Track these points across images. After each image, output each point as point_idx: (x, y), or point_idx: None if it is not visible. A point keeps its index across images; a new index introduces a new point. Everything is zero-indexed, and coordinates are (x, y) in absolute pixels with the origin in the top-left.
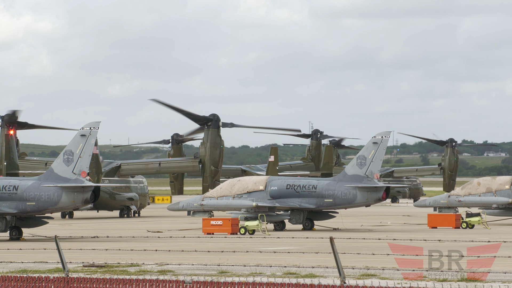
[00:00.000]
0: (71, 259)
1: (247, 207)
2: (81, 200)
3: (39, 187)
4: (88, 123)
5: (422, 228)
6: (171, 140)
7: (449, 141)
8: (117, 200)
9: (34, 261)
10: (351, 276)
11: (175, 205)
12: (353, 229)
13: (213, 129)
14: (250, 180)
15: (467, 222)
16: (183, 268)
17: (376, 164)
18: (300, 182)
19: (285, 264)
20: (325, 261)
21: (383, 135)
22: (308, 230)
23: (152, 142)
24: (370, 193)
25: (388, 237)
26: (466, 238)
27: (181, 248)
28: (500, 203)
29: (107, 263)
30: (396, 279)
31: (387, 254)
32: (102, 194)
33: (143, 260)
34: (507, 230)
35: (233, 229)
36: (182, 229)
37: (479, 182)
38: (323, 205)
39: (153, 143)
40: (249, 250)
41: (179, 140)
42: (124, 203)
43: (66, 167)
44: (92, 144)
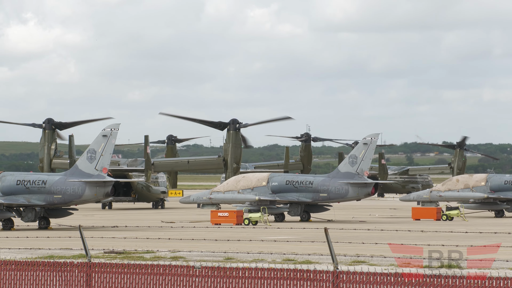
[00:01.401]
0: (93, 246)
1: (250, 201)
2: (102, 193)
3: (65, 181)
4: (109, 125)
5: (407, 220)
6: (167, 140)
7: (458, 145)
8: (151, 193)
9: (60, 248)
10: (343, 262)
11: (187, 198)
12: (345, 221)
13: (233, 131)
14: (253, 176)
15: (447, 215)
16: (193, 255)
17: (366, 162)
18: (298, 178)
19: (284, 251)
20: (320, 249)
21: (372, 137)
22: (305, 221)
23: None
24: (361, 189)
25: (377, 228)
26: (446, 229)
27: (191, 237)
28: (476, 198)
29: (125, 250)
30: (383, 265)
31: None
32: (141, 188)
33: (158, 248)
34: (483, 222)
35: (238, 220)
36: (192, 220)
37: (458, 179)
38: (319, 199)
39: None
40: (252, 239)
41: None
42: (159, 196)
43: (89, 164)
44: (113, 143)
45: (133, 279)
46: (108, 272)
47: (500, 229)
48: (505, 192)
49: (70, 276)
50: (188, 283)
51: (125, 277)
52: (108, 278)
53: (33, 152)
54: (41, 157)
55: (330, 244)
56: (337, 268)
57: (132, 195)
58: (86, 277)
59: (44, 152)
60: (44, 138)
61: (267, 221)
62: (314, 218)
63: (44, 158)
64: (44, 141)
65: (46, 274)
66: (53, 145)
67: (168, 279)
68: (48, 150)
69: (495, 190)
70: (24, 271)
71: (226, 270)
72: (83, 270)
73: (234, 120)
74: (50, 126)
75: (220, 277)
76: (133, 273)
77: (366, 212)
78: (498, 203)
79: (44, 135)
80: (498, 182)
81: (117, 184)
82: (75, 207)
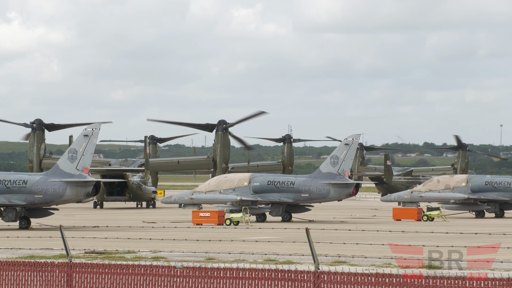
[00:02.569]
0: (74, 246)
1: (232, 201)
2: (83, 193)
3: (46, 181)
4: (91, 124)
5: (388, 220)
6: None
7: (462, 146)
8: (144, 192)
9: (41, 247)
10: (324, 262)
11: (168, 199)
12: (327, 221)
13: (221, 132)
14: (235, 176)
15: (427, 215)
16: (174, 255)
17: (347, 163)
18: (280, 179)
19: (265, 252)
20: (301, 249)
21: (354, 137)
22: (287, 221)
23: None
24: (342, 189)
25: (358, 228)
26: (427, 229)
27: (172, 237)
28: (457, 198)
29: (106, 250)
30: (364, 265)
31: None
32: (135, 188)
33: (139, 248)
34: (463, 223)
35: (219, 221)
36: (174, 220)
37: (438, 179)
38: (300, 199)
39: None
40: (233, 239)
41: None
42: (150, 195)
43: (71, 164)
44: (94, 143)
45: (114, 279)
46: (89, 272)
47: (481, 229)
48: (485, 193)
49: (51, 276)
50: (169, 283)
51: (106, 277)
52: (89, 278)
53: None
54: (31, 157)
55: (311, 245)
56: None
57: (126, 195)
58: (67, 277)
59: (33, 152)
60: (33, 138)
61: (249, 221)
62: (295, 218)
63: (34, 158)
64: (33, 142)
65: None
66: (43, 145)
67: (149, 279)
68: (38, 151)
69: (475, 191)
70: (5, 271)
71: (207, 271)
72: (64, 270)
73: (221, 121)
74: (40, 127)
75: (201, 277)
76: (114, 274)
77: (347, 213)
78: (478, 204)
79: (33, 136)
80: (478, 183)
81: (111, 184)
82: (56, 207)
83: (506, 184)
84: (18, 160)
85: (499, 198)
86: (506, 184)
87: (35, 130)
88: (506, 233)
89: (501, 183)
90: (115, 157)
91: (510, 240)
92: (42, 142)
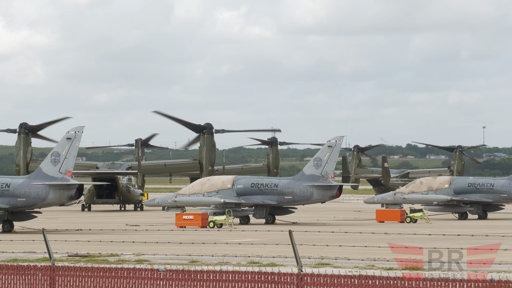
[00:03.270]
0: (57, 250)
1: (215, 203)
2: (66, 196)
3: (29, 184)
4: (73, 127)
5: (371, 222)
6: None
7: (457, 148)
8: (132, 195)
9: (24, 251)
10: (307, 265)
11: (151, 201)
12: (310, 223)
13: (208, 135)
14: (218, 179)
15: (411, 217)
16: (157, 258)
17: (330, 165)
18: (263, 181)
19: (249, 254)
20: (284, 252)
21: (337, 139)
22: (270, 224)
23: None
24: (325, 191)
25: (341, 230)
26: (410, 231)
27: (156, 240)
28: (440, 200)
29: (89, 253)
30: (348, 267)
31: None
32: (125, 190)
33: (122, 251)
34: (447, 224)
35: (203, 223)
36: (157, 223)
37: (421, 181)
38: (284, 201)
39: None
40: (217, 242)
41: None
42: (138, 198)
43: (53, 167)
44: (77, 146)
45: (97, 282)
46: (72, 275)
47: (464, 231)
48: (468, 194)
49: (34, 280)
50: (152, 286)
51: (89, 281)
52: (72, 282)
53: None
54: (17, 161)
55: (294, 247)
56: (301, 270)
57: (116, 197)
58: (50, 280)
59: (20, 156)
60: (19, 142)
61: (232, 223)
62: (279, 220)
63: (21, 162)
64: (19, 145)
65: (10, 278)
66: (29, 148)
67: (132, 282)
68: (24, 154)
69: (458, 193)
70: None
71: (190, 273)
72: (47, 273)
73: (209, 125)
74: (23, 130)
75: (185, 280)
76: (97, 277)
77: (331, 215)
78: (461, 206)
79: (19, 140)
80: (461, 184)
81: (100, 187)
82: (39, 210)
83: (489, 185)
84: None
85: (482, 200)
86: (489, 186)
87: (20, 134)
88: (488, 235)
89: (484, 184)
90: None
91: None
92: (28, 146)
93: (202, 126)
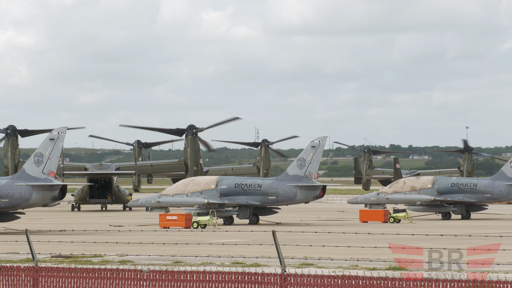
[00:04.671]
0: (40, 250)
1: (199, 204)
2: (49, 197)
3: (12, 185)
4: (57, 128)
5: (355, 223)
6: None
7: (468, 149)
8: (122, 194)
9: (7, 252)
10: (291, 265)
11: (135, 202)
12: (294, 223)
13: (191, 136)
14: (202, 179)
15: (394, 217)
16: (141, 259)
17: (314, 165)
18: (247, 182)
19: (232, 254)
20: (268, 252)
21: (320, 140)
22: (254, 224)
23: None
24: (309, 191)
25: (324, 230)
26: (393, 231)
27: (139, 241)
28: (423, 200)
29: (73, 254)
30: (331, 267)
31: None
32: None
33: (105, 252)
34: (430, 224)
35: (186, 224)
36: (141, 224)
37: (404, 181)
38: (267, 202)
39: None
40: (200, 242)
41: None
42: (127, 197)
43: (36, 168)
44: (60, 147)
45: (81, 283)
46: (55, 276)
47: (447, 231)
48: (451, 194)
49: (17, 281)
50: (136, 287)
51: (72, 281)
52: (55, 282)
53: None
54: (6, 163)
55: (278, 247)
56: (285, 271)
57: (108, 197)
58: (33, 281)
59: (8, 157)
60: (7, 144)
61: (216, 224)
62: (263, 221)
63: (9, 164)
64: (8, 147)
65: None
66: (17, 150)
67: (116, 283)
68: (13, 156)
69: (441, 193)
70: None
71: (174, 274)
72: (30, 274)
73: (191, 126)
74: (13, 133)
75: (168, 280)
76: (80, 277)
77: (315, 215)
78: (445, 206)
79: (7, 141)
80: (444, 184)
81: (92, 187)
82: (22, 211)
83: (472, 185)
84: None
85: (465, 200)
86: (472, 186)
87: (9, 136)
88: (471, 235)
89: (467, 184)
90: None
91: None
92: (16, 148)
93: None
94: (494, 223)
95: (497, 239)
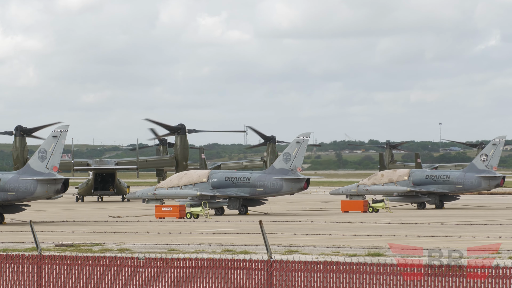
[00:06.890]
0: (44, 240)
1: (192, 196)
2: (53, 190)
3: (18, 179)
4: (59, 126)
5: (336, 212)
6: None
7: (479, 144)
8: (122, 187)
9: (13, 241)
10: (277, 252)
11: (132, 194)
12: (280, 213)
13: (182, 135)
14: (195, 173)
15: (373, 207)
16: (138, 247)
17: (298, 159)
18: (237, 175)
19: (223, 243)
20: (256, 240)
21: (304, 135)
22: (243, 214)
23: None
24: (294, 184)
25: (308, 220)
26: (372, 220)
27: (136, 230)
28: (400, 191)
29: (74, 243)
30: (314, 254)
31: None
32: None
33: (104, 241)
34: (406, 214)
35: (180, 214)
36: (137, 215)
37: (382, 174)
38: (256, 194)
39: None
40: (193, 231)
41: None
42: (125, 190)
43: (41, 163)
44: (63, 143)
45: (81, 270)
46: (58, 264)
47: (421, 220)
48: (426, 185)
49: (22, 268)
50: (132, 273)
51: (73, 268)
52: (57, 270)
53: None
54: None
55: (264, 236)
56: (271, 257)
57: (110, 190)
58: (37, 268)
59: (18, 155)
60: (16, 143)
61: (208, 214)
62: (251, 211)
63: (19, 161)
64: (17, 146)
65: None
66: (25, 148)
67: (114, 269)
68: (22, 153)
69: (417, 184)
70: None
71: (168, 261)
72: (34, 262)
73: (182, 125)
74: (19, 133)
75: (163, 267)
76: (81, 265)
77: (299, 205)
78: (420, 196)
79: (15, 141)
80: (419, 176)
81: (95, 181)
82: (28, 203)
83: (445, 177)
84: None
85: (438, 191)
86: (445, 178)
87: (16, 136)
88: (444, 223)
89: (440, 176)
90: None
91: (448, 230)
92: (24, 146)
93: (176, 127)
94: (465, 211)
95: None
